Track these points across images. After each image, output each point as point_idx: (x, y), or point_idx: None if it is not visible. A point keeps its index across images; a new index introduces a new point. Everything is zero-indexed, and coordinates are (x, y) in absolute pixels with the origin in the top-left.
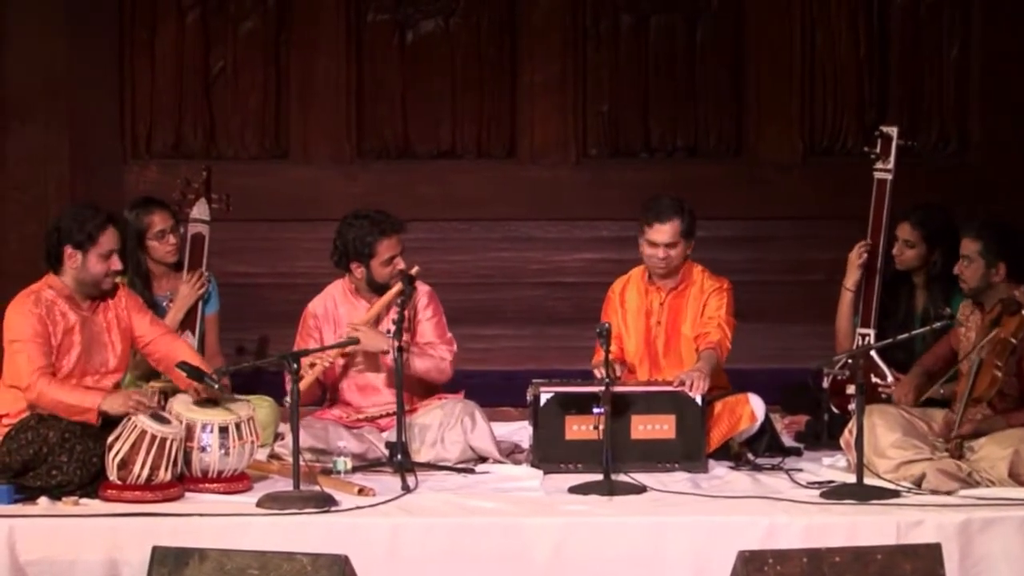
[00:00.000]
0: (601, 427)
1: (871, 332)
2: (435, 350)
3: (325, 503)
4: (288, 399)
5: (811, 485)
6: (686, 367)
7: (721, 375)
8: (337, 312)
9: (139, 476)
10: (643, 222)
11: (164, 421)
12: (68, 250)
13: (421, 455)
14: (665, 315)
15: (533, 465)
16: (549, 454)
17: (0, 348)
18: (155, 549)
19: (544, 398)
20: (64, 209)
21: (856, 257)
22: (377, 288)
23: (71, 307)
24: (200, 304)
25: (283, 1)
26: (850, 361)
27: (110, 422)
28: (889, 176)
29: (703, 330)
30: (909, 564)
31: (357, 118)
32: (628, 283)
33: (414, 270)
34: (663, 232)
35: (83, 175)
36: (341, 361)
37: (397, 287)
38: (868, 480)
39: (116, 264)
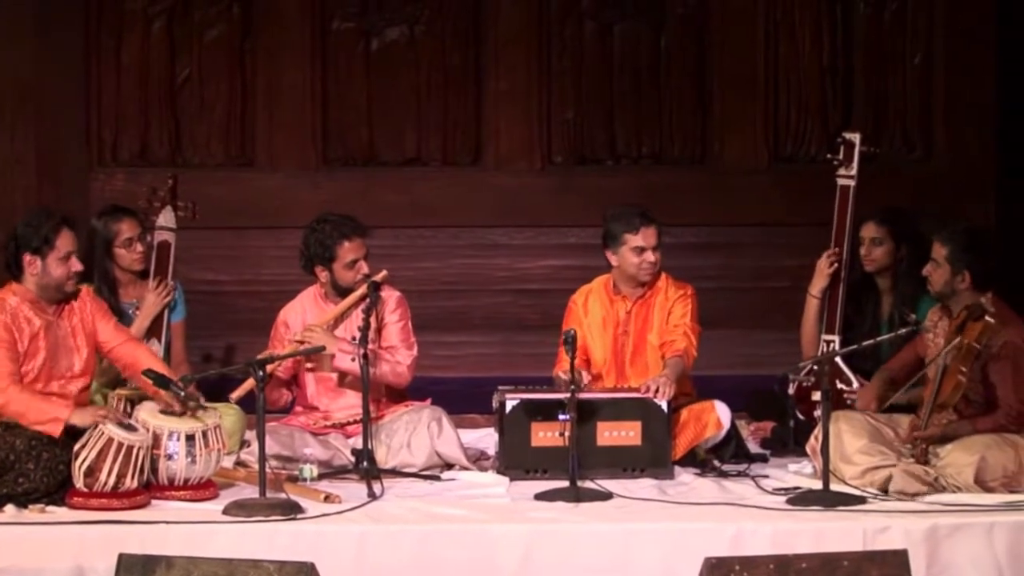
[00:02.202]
0: (567, 434)
1: (836, 338)
2: (393, 354)
3: (291, 510)
4: (233, 396)
5: (777, 491)
6: (652, 375)
7: (686, 382)
8: (307, 318)
9: (106, 484)
10: (625, 230)
11: (130, 429)
12: (27, 257)
13: (387, 461)
14: (632, 324)
15: (499, 472)
16: (515, 461)
17: None
18: (122, 556)
19: (510, 405)
20: (19, 218)
21: (826, 266)
22: (342, 292)
23: (36, 312)
24: (166, 312)
25: (248, 9)
26: (815, 367)
27: (76, 430)
28: (852, 182)
29: (668, 338)
30: (876, 570)
31: (323, 126)
32: (590, 294)
33: (380, 275)
34: (651, 235)
35: (50, 183)
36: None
37: (359, 291)
38: (834, 486)
39: (76, 265)
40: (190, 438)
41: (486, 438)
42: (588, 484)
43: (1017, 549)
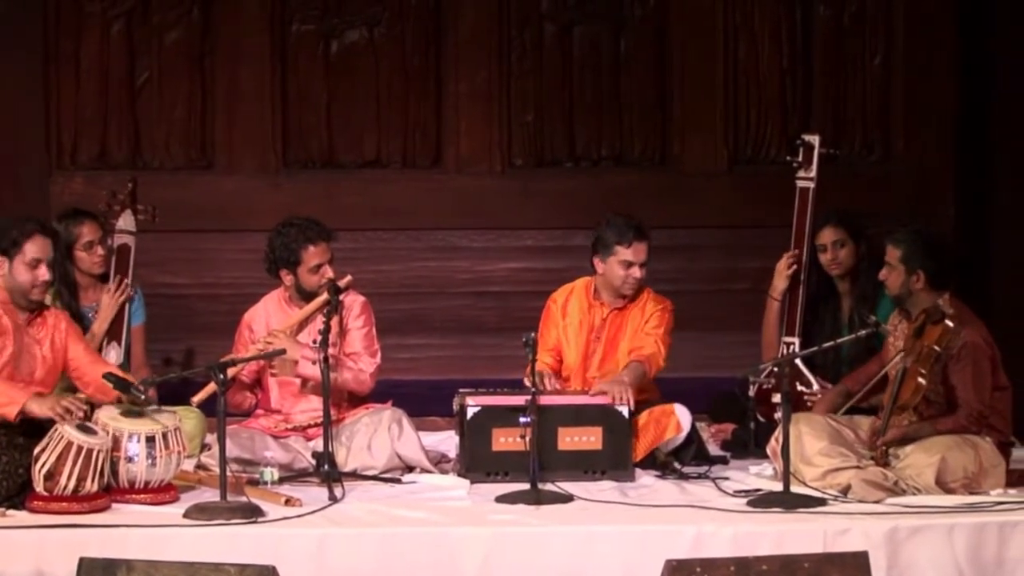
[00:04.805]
0: (528, 437)
1: (796, 340)
2: (356, 361)
3: (252, 514)
4: (194, 399)
5: (738, 494)
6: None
7: (653, 387)
8: (271, 321)
9: (66, 487)
10: (617, 241)
11: (90, 432)
12: None
13: (348, 463)
14: (605, 331)
15: (460, 474)
16: (476, 464)
17: None
18: (82, 560)
19: (471, 411)
20: None
21: (785, 268)
22: (307, 296)
23: (6, 312)
24: (127, 315)
25: (208, 11)
26: (776, 370)
27: (36, 432)
28: (811, 185)
29: (637, 344)
30: (836, 572)
31: (283, 128)
32: (571, 295)
33: (344, 281)
34: (642, 251)
35: (8, 186)
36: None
37: (322, 297)
38: (795, 488)
39: (44, 275)
40: (150, 440)
41: (447, 440)
42: (549, 487)
43: (977, 550)
